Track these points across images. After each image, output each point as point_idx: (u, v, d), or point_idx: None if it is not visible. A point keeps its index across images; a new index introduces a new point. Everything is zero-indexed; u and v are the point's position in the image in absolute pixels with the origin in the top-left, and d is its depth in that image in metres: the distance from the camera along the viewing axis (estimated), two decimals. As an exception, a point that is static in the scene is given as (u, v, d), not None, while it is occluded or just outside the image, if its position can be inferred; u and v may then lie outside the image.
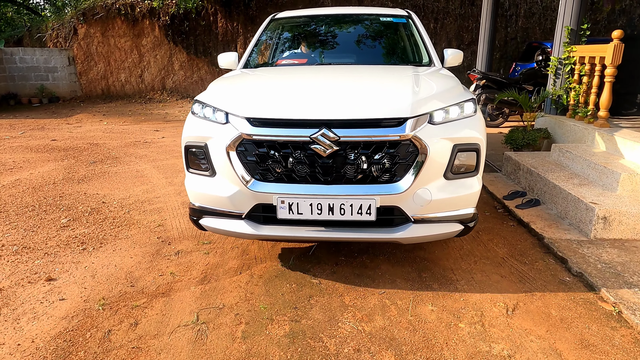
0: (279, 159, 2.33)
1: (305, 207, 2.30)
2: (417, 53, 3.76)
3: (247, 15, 12.42)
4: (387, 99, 2.44)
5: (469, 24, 12.16)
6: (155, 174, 5.10)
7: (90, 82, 13.08)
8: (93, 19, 12.62)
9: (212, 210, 2.52)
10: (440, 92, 2.57)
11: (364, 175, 2.31)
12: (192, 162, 2.57)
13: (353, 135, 2.25)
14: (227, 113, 2.44)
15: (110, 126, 8.57)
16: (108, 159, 5.81)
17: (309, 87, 2.77)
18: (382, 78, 2.97)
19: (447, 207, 2.39)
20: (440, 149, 2.31)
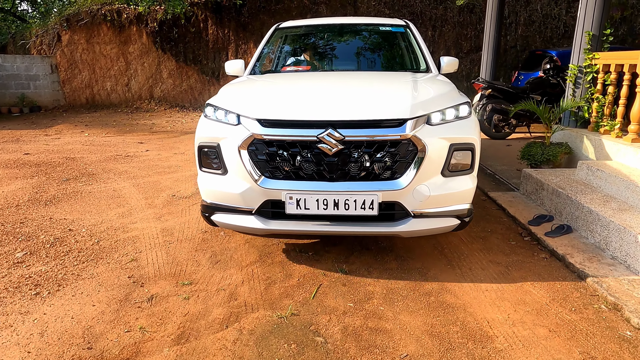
0: (288, 158, 2.49)
1: (312, 202, 2.45)
2: (415, 60, 3.95)
3: (238, 22, 11.97)
4: (388, 101, 2.60)
5: (468, 31, 11.82)
6: (134, 193, 4.56)
7: (74, 91, 12.49)
8: (77, 25, 12.08)
9: (224, 207, 2.68)
10: (437, 95, 2.75)
11: (367, 172, 2.48)
12: (204, 162, 2.74)
13: (357, 135, 2.42)
14: (238, 115, 2.61)
15: (91, 138, 8.01)
16: (83, 175, 5.25)
17: (316, 91, 2.94)
18: (382, 83, 3.13)
19: (444, 202, 2.55)
20: (438, 148, 2.49)
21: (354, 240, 3.29)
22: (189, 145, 7.30)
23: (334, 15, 11.76)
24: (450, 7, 11.65)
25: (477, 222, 3.68)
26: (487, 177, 5.02)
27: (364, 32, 4.47)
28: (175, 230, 3.55)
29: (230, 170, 2.61)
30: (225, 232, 3.49)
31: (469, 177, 2.64)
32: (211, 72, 12.34)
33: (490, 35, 7.64)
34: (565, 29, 11.66)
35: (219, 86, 12.38)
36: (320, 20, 4.60)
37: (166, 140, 7.80)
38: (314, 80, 3.37)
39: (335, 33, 4.51)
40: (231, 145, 2.57)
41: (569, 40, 11.79)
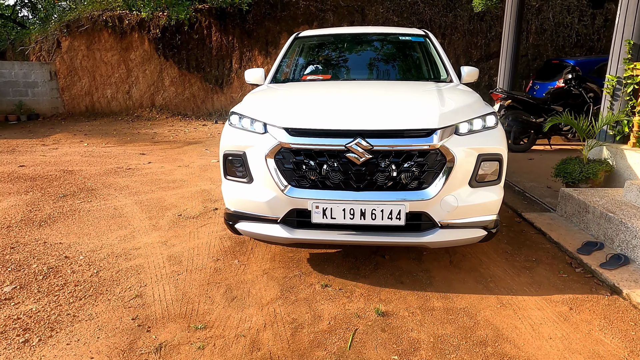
0: (315, 167, 2.49)
1: (338, 212, 2.46)
2: (436, 70, 3.94)
3: (243, 29, 11.68)
4: (416, 111, 2.60)
5: (478, 40, 11.55)
6: (137, 212, 4.19)
7: (74, 99, 12.16)
8: (78, 31, 11.78)
9: (249, 215, 2.67)
10: (463, 105, 2.73)
11: (394, 182, 2.48)
12: (229, 170, 2.74)
13: (385, 145, 2.42)
14: (265, 124, 2.62)
15: (90, 148, 7.65)
16: (82, 191, 4.89)
17: (343, 100, 2.94)
18: (408, 92, 3.12)
19: (471, 213, 2.54)
20: (466, 158, 2.48)
21: (386, 272, 2.93)
22: (193, 156, 6.95)
23: (341, 22, 11.49)
24: (460, 14, 11.39)
25: (518, 249, 3.33)
26: (516, 195, 4.67)
27: (383, 42, 4.48)
28: (184, 257, 3.19)
29: (256, 179, 2.61)
30: (239, 261, 3.13)
31: (496, 188, 2.63)
32: (214, 80, 12.03)
33: (509, 43, 7.33)
34: (577, 38, 11.39)
35: (223, 95, 12.08)
36: (340, 30, 4.59)
37: (169, 151, 7.45)
38: (338, 89, 3.36)
39: (354, 42, 4.51)
40: (258, 153, 2.57)
41: (580, 49, 11.52)
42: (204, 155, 7.09)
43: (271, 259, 3.17)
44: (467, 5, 11.41)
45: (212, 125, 10.74)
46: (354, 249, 3.26)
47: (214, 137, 9.05)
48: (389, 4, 11.45)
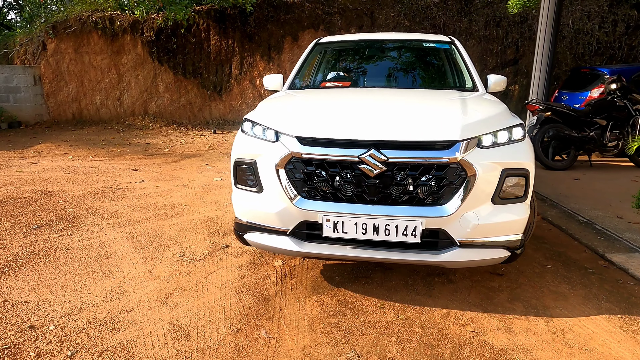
0: (326, 178, 2.40)
1: (350, 226, 2.35)
2: (461, 78, 3.77)
3: (244, 32, 10.91)
4: (436, 121, 2.47)
5: (494, 46, 10.91)
6: (128, 251, 3.36)
7: (60, 105, 11.26)
8: (65, 33, 10.92)
9: (258, 226, 2.58)
10: (488, 116, 2.59)
11: (410, 196, 2.35)
12: (240, 179, 2.66)
13: (401, 157, 2.30)
14: (277, 132, 2.54)
15: (75, 162, 6.78)
16: (61, 220, 4.04)
17: (358, 108, 2.82)
18: (429, 101, 2.98)
19: (494, 232, 2.38)
20: (489, 173, 2.34)
21: (473, 353, 2.14)
22: (192, 173, 6.12)
23: (349, 26, 10.78)
24: (476, 19, 10.75)
25: (628, 311, 2.56)
26: (584, 227, 3.92)
27: (406, 48, 4.31)
28: (192, 327, 2.37)
29: (266, 189, 2.54)
30: (267, 332, 2.32)
31: (522, 206, 2.45)
32: (213, 86, 11.22)
33: (544, 50, 6.64)
34: (598, 45, 10.80)
35: (222, 102, 11.27)
36: (361, 36, 4.46)
37: (165, 166, 6.61)
38: (355, 97, 3.22)
39: (376, 49, 4.36)
40: (268, 162, 2.50)
41: (601, 58, 10.93)
42: (204, 171, 6.26)
43: (309, 327, 2.37)
44: (483, 10, 10.80)
45: (210, 136, 9.91)
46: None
47: (213, 149, 8.23)
48: (401, 8, 10.77)
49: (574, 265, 3.19)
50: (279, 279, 2.94)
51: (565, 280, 2.94)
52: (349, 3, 10.85)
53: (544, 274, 3.02)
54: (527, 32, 10.82)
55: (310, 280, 2.93)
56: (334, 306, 2.59)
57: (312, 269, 3.10)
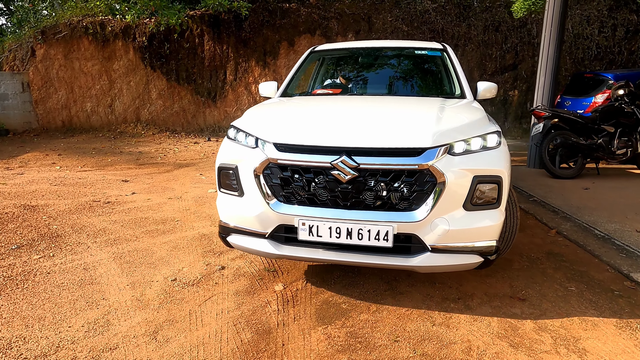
0: (302, 183, 2.46)
1: (324, 230, 2.41)
2: (449, 85, 3.81)
3: (238, 37, 10.68)
4: (407, 128, 2.52)
5: (493, 51, 10.75)
6: (115, 275, 3.08)
7: (49, 112, 10.95)
8: (54, 38, 10.63)
9: (239, 229, 2.67)
10: (463, 124, 2.60)
11: (383, 202, 2.40)
12: (223, 183, 2.76)
13: (372, 163, 2.36)
14: (257, 138, 2.63)
15: (63, 173, 6.48)
16: (43, 238, 3.75)
17: (334, 116, 2.90)
18: (406, 109, 3.04)
19: (466, 238, 2.40)
20: (459, 180, 2.36)
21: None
22: (185, 184, 5.85)
23: (346, 31, 10.59)
24: (474, 24, 10.60)
25: (667, 342, 2.32)
26: (602, 242, 3.70)
27: (399, 56, 4.39)
28: (184, 368, 2.10)
29: (246, 193, 2.62)
30: (270, 374, 2.05)
31: (495, 212, 2.48)
32: (207, 92, 10.96)
33: (548, 54, 6.46)
34: (597, 50, 10.68)
35: (216, 109, 11.01)
36: (355, 44, 4.50)
37: (157, 176, 6.33)
38: (335, 104, 3.29)
39: (369, 57, 4.44)
40: (248, 167, 2.58)
41: (601, 62, 10.81)
42: (198, 182, 5.99)
43: (317, 367, 2.11)
44: (482, 14, 10.66)
45: (204, 143, 9.64)
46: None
47: (207, 157, 7.96)
48: (398, 12, 10.59)
49: (598, 286, 2.96)
50: (281, 307, 2.67)
51: (592, 305, 2.70)
52: (346, 8, 10.66)
53: (568, 298, 2.78)
54: (527, 36, 10.69)
55: (315, 307, 2.67)
56: (343, 339, 2.33)
57: (316, 293, 2.84)
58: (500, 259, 3.37)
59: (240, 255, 3.45)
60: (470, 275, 3.10)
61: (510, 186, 2.66)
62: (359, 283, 2.99)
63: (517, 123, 11.06)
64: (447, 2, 10.66)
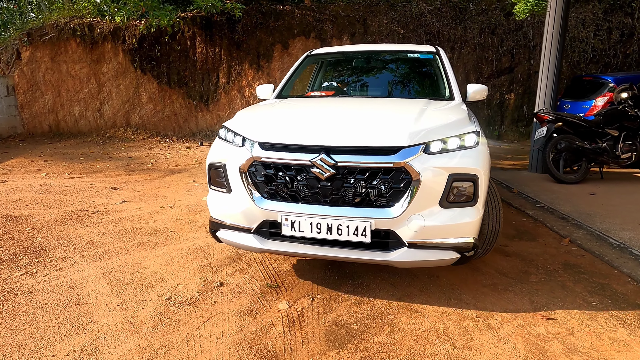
0: (284, 180, 2.57)
1: (306, 225, 2.51)
2: (439, 87, 3.89)
3: (231, 39, 10.45)
4: (384, 128, 2.61)
5: (489, 54, 10.66)
6: (104, 294, 2.83)
7: (35, 117, 10.60)
8: (41, 40, 10.30)
9: (227, 224, 2.79)
10: (442, 124, 2.67)
11: (361, 199, 2.49)
12: (213, 180, 2.90)
13: (349, 161, 2.45)
14: (243, 137, 2.76)
15: (49, 180, 6.19)
16: (26, 253, 3.49)
17: (316, 117, 3.00)
18: (388, 109, 3.12)
19: (442, 234, 2.47)
20: (435, 178, 2.43)
21: None
22: (178, 191, 5.60)
23: (341, 34, 10.42)
24: (470, 27, 10.50)
25: None
26: (619, 252, 3.53)
27: (391, 59, 4.48)
28: (183, 404, 1.86)
29: (234, 190, 2.72)
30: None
31: (471, 210, 2.53)
32: (199, 96, 10.71)
33: (550, 57, 6.34)
34: (593, 53, 10.64)
35: (208, 112, 10.76)
36: (351, 48, 4.60)
37: (148, 183, 6.07)
38: (321, 106, 3.41)
39: (364, 60, 4.55)
40: (235, 165, 2.69)
41: (596, 65, 10.77)
42: (192, 189, 5.75)
43: (331, 400, 1.89)
44: (478, 17, 10.56)
45: (197, 148, 9.38)
46: None
47: (200, 163, 7.71)
48: (394, 15, 10.45)
49: (623, 301, 2.78)
50: (287, 328, 2.45)
51: (621, 322, 2.52)
52: (341, 10, 10.50)
53: (594, 315, 2.60)
54: (523, 39, 10.61)
55: (324, 328, 2.46)
56: None
57: (323, 312, 2.62)
58: (516, 271, 3.20)
59: (239, 269, 3.22)
60: (487, 289, 2.91)
61: (491, 185, 2.77)
62: (369, 300, 2.78)
63: (513, 126, 10.97)
64: (442, 5, 10.55)
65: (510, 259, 3.43)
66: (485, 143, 2.73)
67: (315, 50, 4.61)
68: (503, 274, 3.16)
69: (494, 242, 2.96)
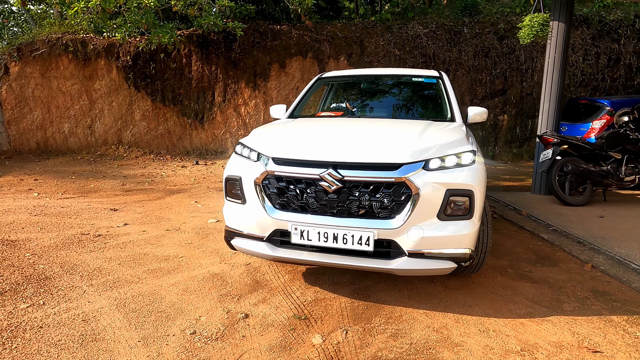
0: (295, 193, 2.78)
1: (314, 234, 2.70)
2: (441, 110, 4.06)
3: (228, 58, 10.39)
4: (387, 146, 2.82)
5: (483, 77, 10.83)
6: (122, 328, 2.63)
7: (22, 134, 10.26)
8: (31, 55, 10.05)
9: (241, 233, 2.98)
10: (441, 143, 2.86)
11: (365, 210, 2.68)
12: (229, 192, 3.11)
13: (355, 176, 2.66)
14: (258, 153, 2.99)
15: (42, 201, 5.91)
16: (29, 282, 3.25)
17: (325, 135, 3.24)
18: (392, 129, 3.32)
19: (440, 245, 2.65)
20: (433, 192, 2.63)
21: None
22: (181, 213, 5.40)
23: (338, 54, 10.47)
24: (465, 49, 10.68)
25: None
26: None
27: (397, 83, 4.72)
28: None
29: (248, 201, 2.93)
30: None
31: (468, 222, 2.69)
32: (194, 114, 10.55)
33: (553, 79, 6.44)
34: (582, 77, 10.92)
35: (203, 131, 10.60)
36: (359, 72, 4.86)
37: (148, 204, 5.85)
38: (332, 125, 3.60)
39: (371, 83, 4.83)
40: (250, 178, 2.91)
41: (585, 89, 11.05)
42: (195, 210, 5.55)
43: None
44: (472, 40, 10.77)
45: (193, 167, 9.18)
46: None
47: (199, 183, 7.51)
48: (390, 37, 10.57)
49: (662, 331, 2.72)
50: (326, 366, 2.30)
51: (668, 355, 2.45)
52: (338, 31, 10.57)
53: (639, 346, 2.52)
54: (515, 63, 10.84)
55: (365, 366, 2.31)
56: None
57: (361, 347, 2.48)
58: (548, 299, 3.12)
59: (262, 299, 3.06)
60: (524, 320, 2.81)
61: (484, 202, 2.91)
62: (405, 332, 2.65)
63: (507, 147, 11.10)
64: (438, 28, 10.72)
65: (538, 285, 3.35)
66: (481, 162, 2.91)
67: (326, 73, 4.88)
68: (535, 302, 3.07)
69: (486, 255, 3.10)
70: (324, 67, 10.54)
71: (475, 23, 10.92)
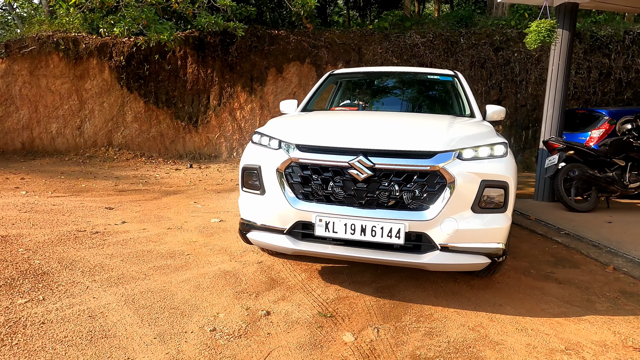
0: (320, 182, 2.61)
1: (340, 226, 2.53)
2: (460, 107, 3.98)
3: (224, 61, 10.23)
4: (420, 134, 2.72)
5: (479, 87, 10.91)
6: (134, 324, 2.40)
7: (7, 133, 9.86)
8: (20, 53, 9.73)
9: (259, 225, 2.80)
10: (471, 134, 2.76)
11: (396, 201, 2.53)
12: (246, 183, 2.93)
13: (386, 164, 2.50)
14: (280, 141, 2.81)
15: (31, 199, 5.60)
16: (26, 277, 2.99)
17: (352, 123, 3.15)
18: (420, 120, 3.26)
19: (474, 238, 2.52)
20: (468, 183, 2.50)
21: None
22: (181, 212, 5.16)
23: (336, 60, 10.43)
24: (461, 60, 10.76)
25: None
26: (669, 279, 3.42)
27: (412, 80, 4.59)
28: None
29: (268, 191, 2.74)
30: None
31: (502, 216, 2.59)
32: (188, 117, 10.32)
33: (557, 88, 6.46)
34: (574, 90, 11.10)
35: (197, 134, 10.37)
36: (371, 69, 4.78)
37: (145, 204, 5.59)
38: (355, 116, 3.51)
39: (384, 80, 4.73)
40: (270, 167, 2.72)
41: (578, 101, 11.23)
42: (195, 211, 5.32)
43: None
44: (468, 51, 10.86)
45: (187, 170, 8.92)
46: None
47: (195, 185, 7.27)
48: (388, 45, 10.59)
49: (702, 330, 2.62)
50: (363, 364, 2.12)
51: None
52: (336, 37, 10.55)
53: (685, 346, 2.41)
54: (510, 74, 10.96)
55: (405, 364, 2.13)
56: None
57: (396, 345, 2.31)
58: (579, 299, 3.00)
59: (282, 296, 2.86)
60: (560, 319, 2.68)
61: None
62: (440, 330, 2.49)
63: (501, 158, 11.15)
64: (435, 38, 10.80)
65: (565, 286, 3.24)
66: (512, 154, 2.81)
67: (337, 70, 4.71)
68: (566, 302, 2.95)
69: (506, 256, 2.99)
70: (322, 72, 10.45)
71: (471, 34, 11.04)
